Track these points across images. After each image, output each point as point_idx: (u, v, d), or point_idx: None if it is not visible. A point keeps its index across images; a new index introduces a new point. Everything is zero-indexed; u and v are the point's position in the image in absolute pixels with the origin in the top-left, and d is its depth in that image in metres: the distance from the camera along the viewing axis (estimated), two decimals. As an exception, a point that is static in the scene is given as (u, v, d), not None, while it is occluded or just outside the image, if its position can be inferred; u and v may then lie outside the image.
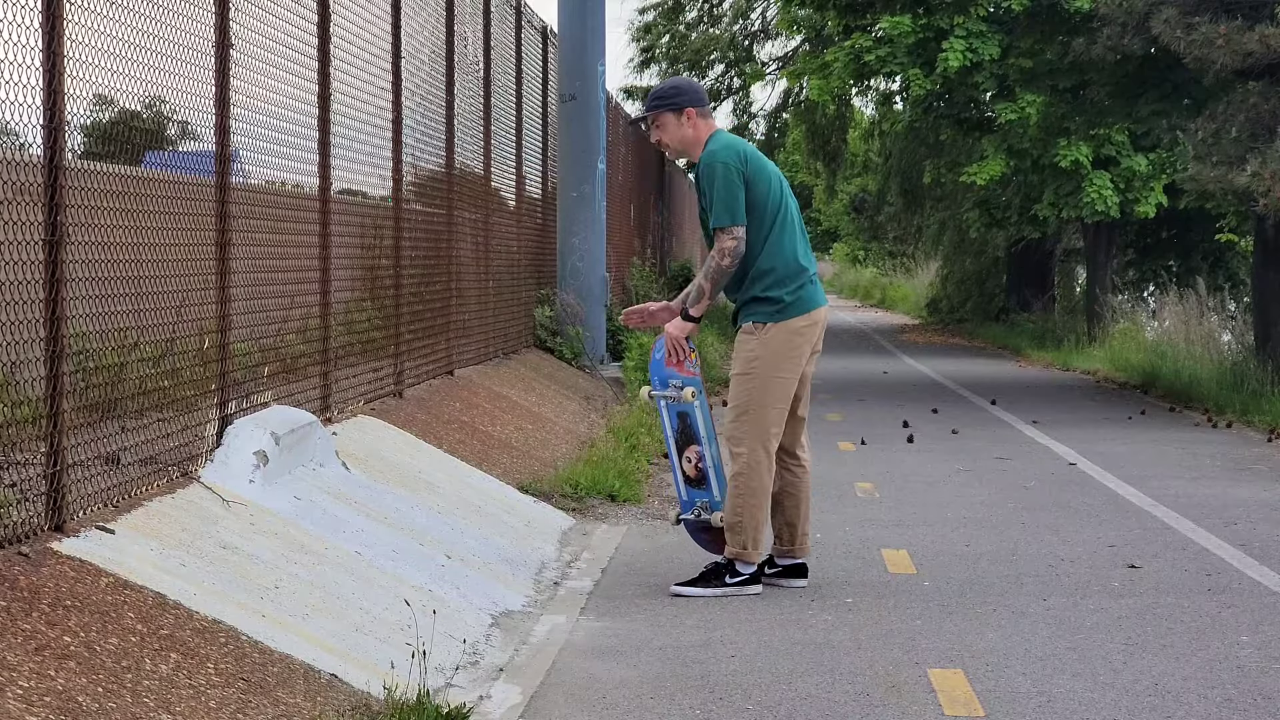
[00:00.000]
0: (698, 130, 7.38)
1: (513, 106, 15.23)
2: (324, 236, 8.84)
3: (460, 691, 5.58)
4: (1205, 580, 7.70)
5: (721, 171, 7.20)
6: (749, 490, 7.29)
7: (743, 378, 7.33)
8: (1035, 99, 20.34)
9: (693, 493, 7.60)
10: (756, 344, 7.30)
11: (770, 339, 7.29)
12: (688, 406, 7.53)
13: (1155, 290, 28.31)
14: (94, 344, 5.84)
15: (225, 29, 7.13)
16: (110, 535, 5.50)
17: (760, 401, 7.28)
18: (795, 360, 7.33)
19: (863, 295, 54.15)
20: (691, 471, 7.57)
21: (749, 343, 7.32)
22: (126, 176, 6.17)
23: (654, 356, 7.59)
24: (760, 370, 7.29)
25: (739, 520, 7.31)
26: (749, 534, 7.32)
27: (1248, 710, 5.49)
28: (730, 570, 7.36)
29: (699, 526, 7.62)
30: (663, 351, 7.52)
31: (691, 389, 7.51)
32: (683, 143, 7.40)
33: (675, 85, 7.49)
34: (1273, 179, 14.50)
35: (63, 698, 4.24)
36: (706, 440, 7.56)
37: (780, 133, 42.53)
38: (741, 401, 7.32)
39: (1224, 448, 13.25)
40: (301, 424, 7.55)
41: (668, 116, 7.38)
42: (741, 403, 7.32)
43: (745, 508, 7.30)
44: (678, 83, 7.54)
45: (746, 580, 7.35)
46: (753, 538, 7.33)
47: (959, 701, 5.54)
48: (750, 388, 7.30)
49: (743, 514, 7.30)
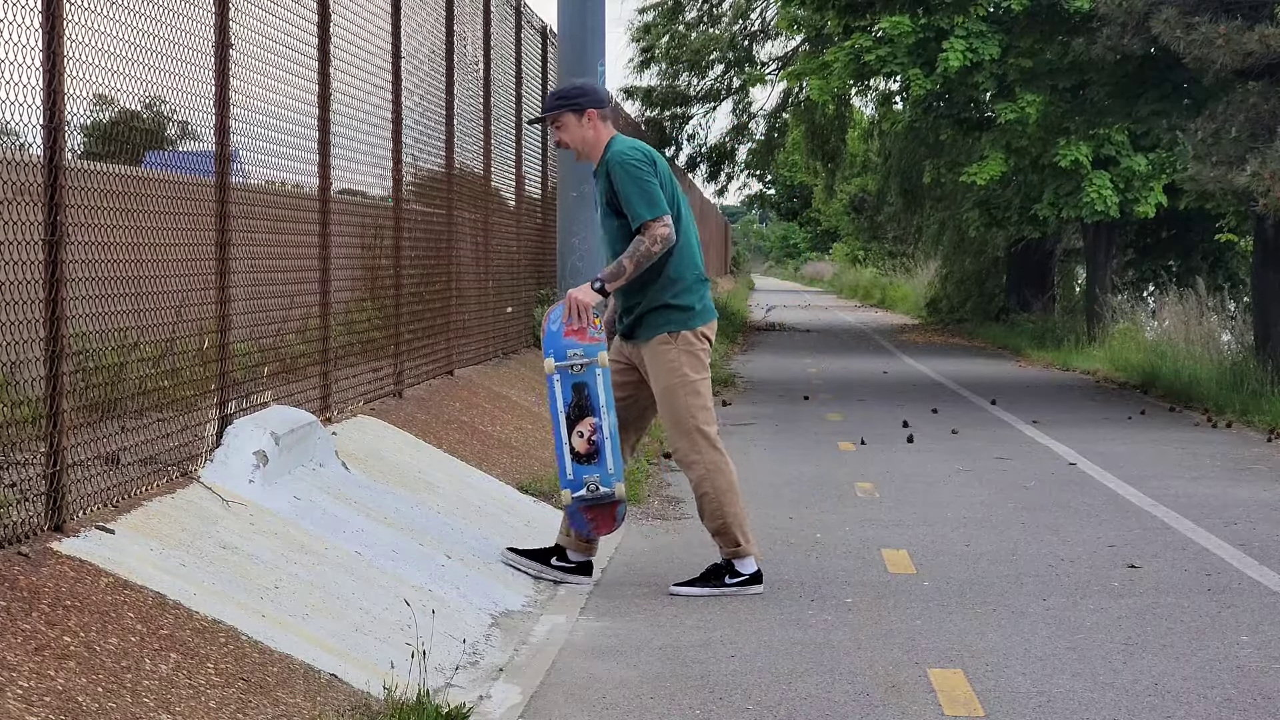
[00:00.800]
0: (598, 132, 7.34)
1: (512, 106, 15.23)
2: (324, 236, 8.84)
3: (460, 691, 5.57)
4: (1205, 580, 7.70)
5: (635, 168, 7.18)
6: (719, 491, 7.28)
7: (672, 390, 7.29)
8: (1035, 99, 20.33)
9: (580, 470, 7.28)
10: (676, 352, 7.29)
11: (686, 345, 7.30)
12: (587, 376, 7.24)
13: (1155, 290, 28.31)
14: (94, 344, 5.84)
15: (225, 29, 7.13)
16: (110, 535, 5.50)
17: (695, 407, 7.29)
18: (706, 363, 7.39)
19: (863, 295, 54.14)
20: (583, 447, 7.28)
21: (668, 353, 7.29)
22: (126, 176, 6.17)
23: (549, 328, 7.30)
24: (685, 372, 7.29)
25: (722, 522, 7.31)
26: (737, 530, 7.31)
27: (1248, 710, 5.49)
28: (730, 570, 7.36)
29: (588, 505, 7.32)
30: (559, 323, 7.27)
31: (603, 353, 7.27)
32: (583, 143, 7.34)
33: (578, 86, 7.48)
34: (1273, 179, 14.50)
35: (63, 698, 4.24)
36: (606, 409, 7.28)
37: (780, 133, 42.49)
38: (680, 415, 7.30)
39: (1224, 448, 13.25)
40: (301, 424, 7.55)
41: (569, 117, 7.34)
42: (680, 416, 7.30)
43: (723, 509, 7.29)
44: (580, 83, 7.55)
45: (747, 580, 7.35)
46: (742, 533, 7.32)
47: (959, 701, 5.54)
48: (683, 396, 7.28)
49: (724, 515, 7.29)
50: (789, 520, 9.37)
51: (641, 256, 7.16)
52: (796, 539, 8.73)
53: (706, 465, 7.29)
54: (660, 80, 38.73)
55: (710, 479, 7.29)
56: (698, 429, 7.30)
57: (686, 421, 7.30)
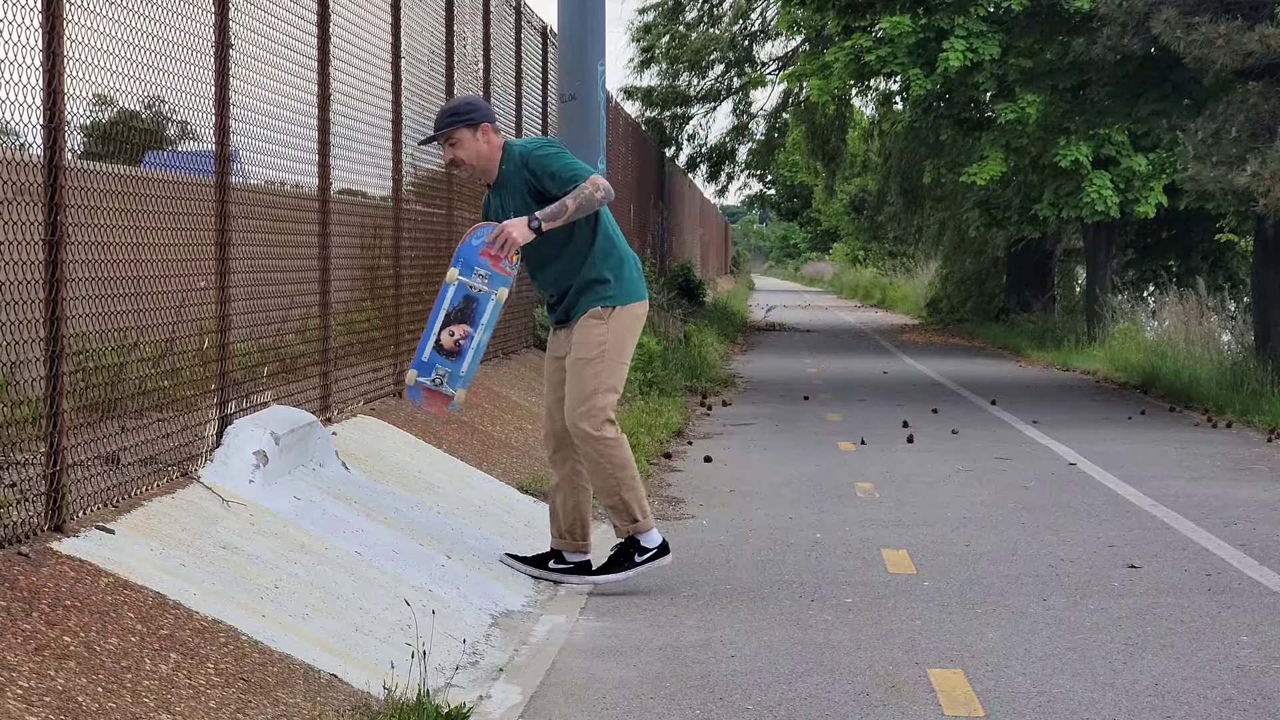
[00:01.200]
0: (493, 145, 7.26)
1: (512, 106, 15.23)
2: (324, 237, 8.84)
3: (460, 691, 5.58)
4: (1205, 580, 7.70)
5: (552, 150, 7.17)
6: (615, 466, 7.25)
7: (588, 363, 7.25)
8: (1035, 99, 20.33)
9: (436, 358, 7.28)
10: (605, 329, 7.27)
11: (617, 321, 7.29)
12: (481, 297, 7.24)
13: (1155, 290, 28.31)
14: (94, 344, 5.84)
15: (225, 29, 7.12)
16: (110, 535, 5.50)
17: (607, 385, 7.26)
18: (634, 341, 7.38)
19: (863, 295, 54.13)
20: (449, 344, 7.27)
21: (597, 328, 7.27)
22: (126, 176, 6.17)
23: (470, 241, 7.26)
24: (609, 354, 7.27)
25: (618, 499, 7.28)
26: (635, 505, 7.29)
27: (1248, 710, 5.49)
28: (637, 548, 7.34)
29: (429, 390, 7.29)
30: (481, 240, 7.20)
31: (505, 289, 7.27)
32: (479, 158, 7.26)
33: (469, 101, 7.42)
34: (1273, 179, 14.50)
35: (63, 698, 4.24)
36: (484, 329, 7.29)
37: (780, 133, 42.51)
38: (589, 388, 7.24)
39: (1224, 448, 13.25)
40: (301, 424, 7.55)
41: (464, 133, 7.23)
42: (589, 389, 7.24)
43: (620, 484, 7.26)
44: (470, 99, 7.47)
45: (655, 554, 7.34)
46: (640, 507, 7.31)
47: (959, 701, 5.54)
48: (597, 371, 7.24)
49: (620, 490, 7.27)
50: (789, 520, 9.37)
51: (585, 200, 7.09)
52: (796, 539, 8.74)
53: (605, 440, 7.23)
54: (660, 80, 38.76)
55: (607, 455, 7.24)
56: (602, 406, 7.24)
57: (594, 397, 7.24)
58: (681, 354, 18.82)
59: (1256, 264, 18.23)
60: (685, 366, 18.03)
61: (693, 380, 17.65)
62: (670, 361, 17.44)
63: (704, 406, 16.16)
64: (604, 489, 7.32)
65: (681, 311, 25.93)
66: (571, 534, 7.49)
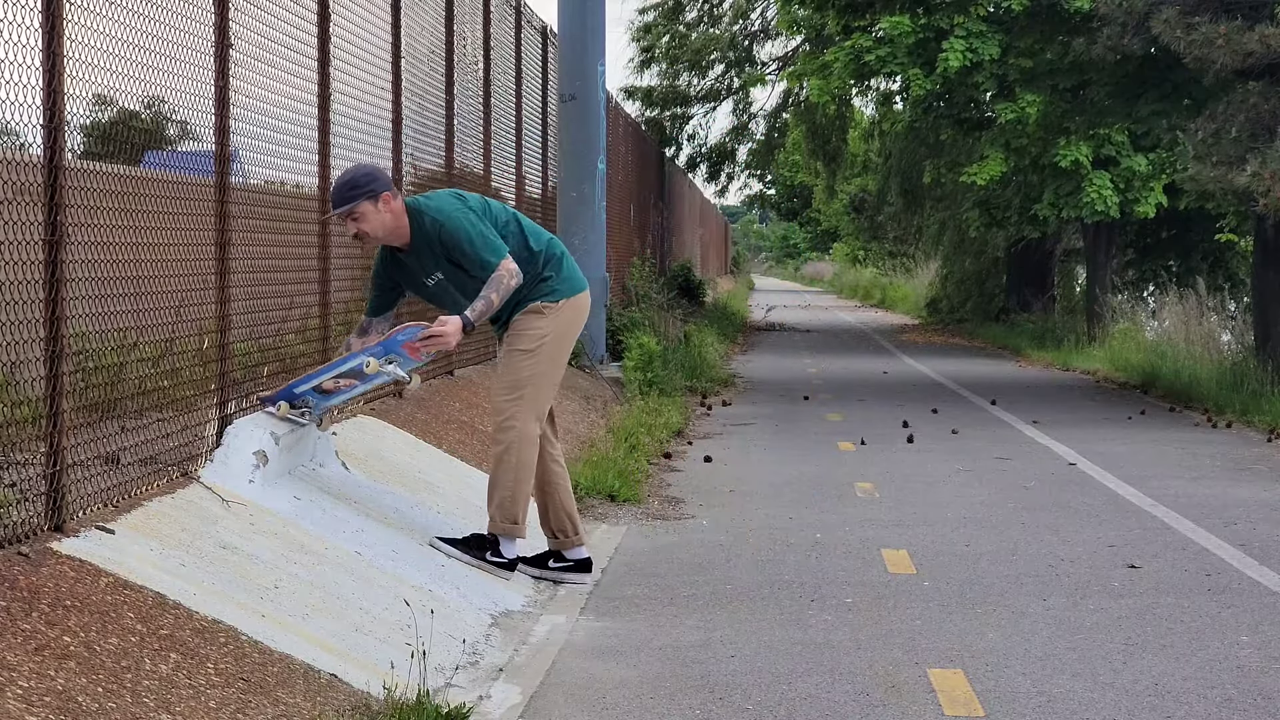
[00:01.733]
0: (397, 214, 7.12)
1: (512, 106, 15.23)
2: (324, 236, 8.84)
3: (460, 691, 5.58)
4: (1205, 580, 7.70)
5: (459, 221, 7.09)
6: (521, 464, 7.23)
7: (524, 354, 7.24)
8: (1035, 99, 20.33)
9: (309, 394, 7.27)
10: (547, 322, 7.27)
11: (560, 315, 7.29)
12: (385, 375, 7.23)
13: (1155, 290, 28.31)
14: (94, 344, 5.84)
15: (225, 29, 7.12)
16: (110, 535, 5.50)
17: (540, 380, 7.26)
18: (574, 339, 7.41)
19: (863, 295, 54.13)
20: (331, 385, 7.29)
21: (538, 321, 7.26)
22: (126, 176, 6.17)
23: (398, 336, 7.22)
24: (547, 348, 7.27)
25: (510, 494, 7.24)
26: (520, 508, 7.26)
27: (1248, 710, 5.49)
28: (493, 548, 7.29)
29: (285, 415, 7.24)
30: (411, 336, 7.16)
31: (417, 376, 7.43)
32: (384, 228, 7.12)
33: (367, 172, 7.18)
34: (1273, 179, 14.50)
35: (63, 698, 4.24)
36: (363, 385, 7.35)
37: (780, 133, 42.51)
38: (521, 378, 7.23)
39: (1224, 448, 13.25)
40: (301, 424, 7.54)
41: (366, 206, 7.07)
42: (521, 379, 7.23)
43: (517, 481, 7.23)
44: (367, 169, 7.25)
45: (504, 565, 7.27)
46: (522, 512, 7.28)
47: (959, 701, 5.54)
48: (532, 363, 7.24)
49: (515, 487, 7.23)
50: (789, 520, 9.37)
51: (505, 290, 7.08)
52: (796, 539, 8.74)
53: (520, 433, 7.21)
54: (660, 80, 38.75)
55: (519, 447, 7.22)
56: (530, 401, 7.23)
57: (523, 388, 7.23)
58: (681, 354, 18.82)
59: (1256, 264, 18.23)
60: (685, 366, 18.03)
61: (693, 380, 17.65)
62: (670, 361, 17.44)
63: (704, 406, 16.16)
64: (499, 481, 7.27)
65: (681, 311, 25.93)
66: (564, 532, 7.51)
